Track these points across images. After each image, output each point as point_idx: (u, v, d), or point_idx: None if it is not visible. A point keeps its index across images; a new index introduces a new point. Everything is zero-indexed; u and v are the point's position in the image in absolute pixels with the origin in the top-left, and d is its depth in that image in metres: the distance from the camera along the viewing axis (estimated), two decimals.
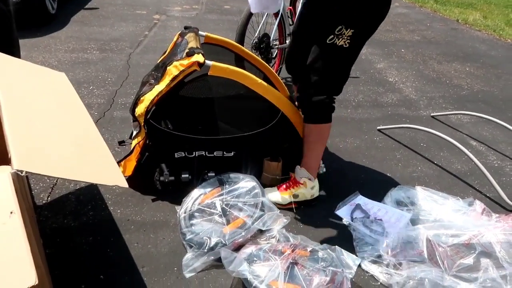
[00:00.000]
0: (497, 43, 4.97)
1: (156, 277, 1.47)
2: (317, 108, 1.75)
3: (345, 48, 1.62)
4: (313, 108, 1.76)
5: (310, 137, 1.81)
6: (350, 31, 1.58)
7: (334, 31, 1.59)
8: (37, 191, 1.83)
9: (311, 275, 1.43)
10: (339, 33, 1.59)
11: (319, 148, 1.84)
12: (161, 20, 4.63)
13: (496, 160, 2.42)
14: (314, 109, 1.76)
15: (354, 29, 1.58)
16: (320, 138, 1.82)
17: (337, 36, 1.60)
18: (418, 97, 3.21)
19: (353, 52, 1.68)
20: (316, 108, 1.75)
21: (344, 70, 1.72)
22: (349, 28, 1.58)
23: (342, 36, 1.59)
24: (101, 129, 2.34)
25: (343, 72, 1.72)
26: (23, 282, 0.79)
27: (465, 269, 1.55)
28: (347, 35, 1.59)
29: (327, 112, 1.77)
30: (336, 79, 1.72)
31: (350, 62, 1.71)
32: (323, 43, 1.63)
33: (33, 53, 3.32)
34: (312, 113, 1.77)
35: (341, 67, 1.70)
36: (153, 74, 1.89)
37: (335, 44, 1.61)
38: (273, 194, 1.86)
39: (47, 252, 1.52)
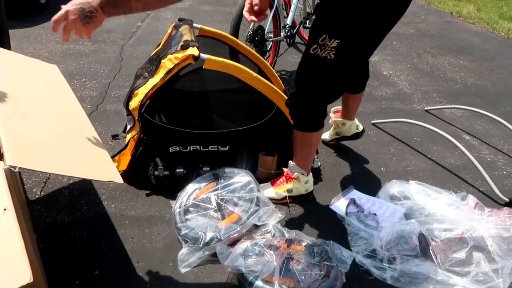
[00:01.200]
0: (491, 36, 4.99)
1: (151, 272, 1.46)
2: (298, 117, 1.69)
3: (330, 60, 1.46)
4: (302, 117, 1.69)
5: (300, 142, 1.77)
6: (335, 42, 1.42)
7: (318, 40, 1.44)
8: (29, 185, 1.81)
9: (306, 270, 1.43)
10: (322, 43, 1.44)
11: (307, 151, 1.79)
12: (154, 11, 4.57)
13: (489, 154, 2.44)
14: (295, 118, 1.70)
15: (340, 40, 1.41)
16: (306, 144, 1.76)
17: (320, 47, 1.45)
18: (412, 90, 3.22)
19: (341, 64, 1.51)
20: (296, 117, 1.69)
21: (329, 82, 1.56)
22: (333, 38, 1.41)
23: (325, 47, 1.44)
24: (94, 123, 2.30)
25: (327, 84, 1.57)
26: (17, 279, 0.78)
27: (457, 263, 1.57)
28: (330, 46, 1.43)
29: (317, 120, 1.69)
30: (318, 91, 1.59)
31: (338, 74, 1.56)
32: (307, 52, 1.50)
33: (23, 44, 3.26)
34: (301, 122, 1.70)
35: (324, 79, 1.55)
36: (147, 67, 1.87)
37: (317, 55, 1.47)
38: (268, 190, 1.86)
39: (41, 247, 1.50)
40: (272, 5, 2.89)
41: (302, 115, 1.67)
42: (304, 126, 1.70)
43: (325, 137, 2.30)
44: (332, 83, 1.58)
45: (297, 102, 1.64)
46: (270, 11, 2.89)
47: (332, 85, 1.60)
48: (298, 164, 1.81)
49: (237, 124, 1.87)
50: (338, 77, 1.58)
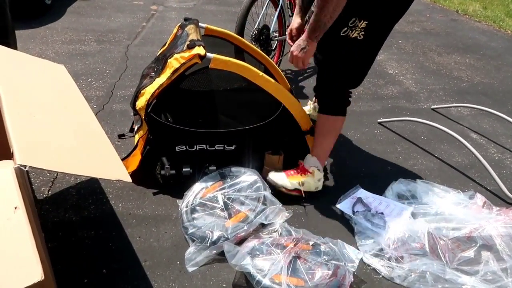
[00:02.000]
0: (497, 34, 4.95)
1: (159, 271, 1.47)
2: (332, 100, 1.78)
3: (360, 40, 1.60)
4: (327, 100, 1.79)
5: (323, 128, 1.84)
6: (363, 23, 1.56)
7: (348, 23, 1.57)
8: (37, 185, 1.82)
9: (313, 269, 1.43)
10: (352, 25, 1.57)
11: (331, 140, 1.86)
12: (158, 11, 4.58)
13: (496, 152, 2.42)
14: (329, 101, 1.79)
15: (368, 21, 1.56)
16: (332, 130, 1.84)
17: (351, 28, 1.58)
18: (418, 89, 3.20)
19: (369, 44, 1.65)
20: (330, 100, 1.78)
21: (360, 62, 1.71)
22: (363, 19, 1.56)
23: (355, 28, 1.57)
24: (100, 122, 2.28)
25: (359, 64, 1.71)
26: (29, 277, 0.79)
27: (466, 262, 1.56)
28: (360, 27, 1.57)
29: (341, 105, 1.80)
30: (351, 72, 1.72)
31: (367, 54, 1.69)
32: (337, 35, 1.61)
33: (29, 45, 3.27)
34: (326, 105, 1.80)
35: (356, 59, 1.69)
36: (153, 66, 1.87)
37: (349, 36, 1.59)
38: (279, 176, 1.85)
39: (49, 246, 1.51)
40: (277, 4, 2.89)
41: (333, 96, 1.78)
42: (336, 110, 1.79)
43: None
44: (360, 64, 1.71)
45: (329, 84, 1.75)
46: (275, 10, 2.89)
47: (360, 66, 1.72)
48: (318, 155, 1.87)
49: (243, 123, 1.87)
50: (365, 59, 1.70)
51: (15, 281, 0.78)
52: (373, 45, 1.67)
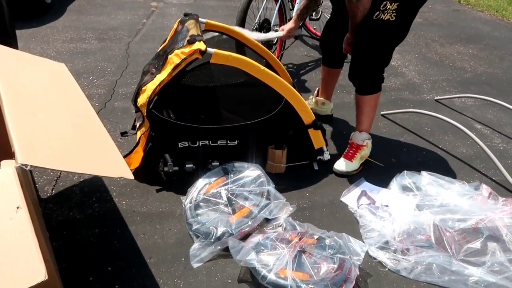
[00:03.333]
0: (500, 23, 4.90)
1: (163, 267, 1.47)
2: (371, 81, 1.93)
3: (392, 21, 1.71)
4: (366, 83, 1.94)
5: (364, 107, 2.00)
6: (394, 5, 1.67)
7: (379, 7, 1.69)
8: (41, 184, 1.82)
9: (318, 263, 1.43)
10: (384, 8, 1.68)
11: (373, 113, 2.04)
12: (158, 8, 4.56)
13: (501, 143, 2.40)
14: (368, 83, 1.94)
15: (399, 2, 1.67)
16: (373, 106, 2.01)
17: (382, 12, 1.69)
18: (421, 80, 3.18)
19: (401, 24, 1.77)
20: (369, 81, 1.94)
21: (394, 42, 1.85)
22: (393, 2, 1.66)
23: (387, 11, 1.69)
24: (102, 120, 2.28)
25: (393, 44, 1.86)
26: (32, 277, 0.78)
27: (472, 253, 1.55)
28: (392, 9, 1.68)
29: (379, 83, 1.96)
30: (386, 52, 1.87)
31: (399, 34, 1.82)
32: (370, 20, 1.73)
33: (30, 44, 3.27)
34: (366, 86, 1.95)
35: (390, 40, 1.83)
36: (154, 63, 1.86)
37: (381, 20, 1.71)
38: (343, 164, 2.01)
39: (54, 245, 1.51)
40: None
41: (373, 77, 1.93)
42: (375, 88, 1.97)
43: None
44: (393, 44, 1.86)
45: (367, 67, 1.89)
46: (275, 4, 2.87)
47: (393, 46, 1.87)
48: (366, 129, 2.06)
49: (246, 118, 1.86)
50: (398, 38, 1.84)
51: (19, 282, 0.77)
52: (404, 25, 1.79)
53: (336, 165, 2.02)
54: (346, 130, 2.41)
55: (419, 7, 1.78)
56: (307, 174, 2.00)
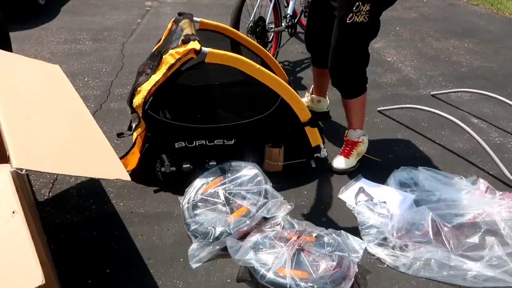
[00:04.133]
0: (495, 17, 4.90)
1: (162, 268, 1.46)
2: (354, 84, 1.91)
3: (366, 23, 1.70)
4: (350, 87, 1.92)
5: (352, 109, 2.00)
6: (367, 6, 1.65)
7: (352, 9, 1.66)
8: (37, 187, 1.81)
9: (317, 261, 1.43)
10: (357, 10, 1.66)
11: (362, 112, 2.04)
12: (153, 7, 4.54)
13: (498, 137, 2.40)
14: (352, 86, 1.92)
15: (371, 3, 1.65)
16: (361, 106, 2.01)
17: (356, 14, 1.67)
18: (417, 76, 3.18)
19: (374, 23, 1.76)
20: (353, 85, 1.92)
21: (368, 42, 1.82)
22: (366, 3, 1.64)
23: (360, 13, 1.66)
24: (98, 122, 2.27)
25: (367, 44, 1.83)
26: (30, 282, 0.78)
27: (471, 248, 1.55)
28: (365, 10, 1.66)
29: (363, 84, 1.94)
30: (363, 53, 1.84)
31: (373, 33, 1.80)
32: (344, 23, 1.71)
33: (24, 46, 3.25)
34: (350, 90, 1.94)
35: (365, 41, 1.81)
36: (148, 63, 1.86)
37: (356, 22, 1.69)
38: (341, 162, 2.02)
39: (52, 248, 1.51)
40: None
41: (355, 80, 1.91)
42: (360, 90, 1.95)
43: None
44: (369, 42, 1.83)
45: (348, 70, 1.87)
46: (270, 2, 2.86)
47: (369, 43, 1.83)
48: (359, 127, 2.04)
49: (242, 117, 1.86)
50: (373, 35, 1.81)
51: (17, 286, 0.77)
52: (377, 23, 1.78)
53: (334, 163, 2.02)
54: (343, 127, 2.40)
55: (389, 5, 1.78)
56: (304, 172, 2.00)
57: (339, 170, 2.00)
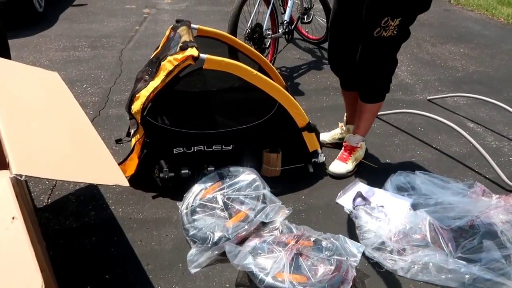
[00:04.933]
0: (490, 22, 4.95)
1: (161, 274, 1.47)
2: (376, 90, 1.92)
3: (394, 37, 1.67)
4: (371, 91, 1.92)
5: (365, 114, 1.99)
6: (397, 21, 1.61)
7: (381, 22, 1.62)
8: (36, 193, 1.81)
9: (316, 265, 1.43)
10: (385, 25, 1.62)
11: (372, 119, 2.06)
12: (151, 14, 4.57)
13: (494, 140, 2.42)
14: (373, 92, 1.92)
15: (401, 17, 1.61)
16: (374, 113, 2.02)
17: (384, 28, 1.63)
18: (413, 81, 3.20)
19: (402, 36, 1.73)
20: (375, 91, 1.92)
21: (395, 52, 1.80)
22: (395, 18, 1.60)
23: (389, 27, 1.63)
24: (97, 128, 2.31)
25: (395, 54, 1.81)
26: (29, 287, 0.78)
27: (469, 251, 1.56)
28: (394, 25, 1.62)
29: (384, 92, 1.95)
30: (391, 65, 1.85)
31: (401, 43, 1.78)
32: (371, 36, 1.67)
33: (23, 53, 3.27)
34: (370, 95, 1.93)
35: (393, 52, 1.79)
36: (147, 70, 1.87)
37: (383, 37, 1.65)
38: (339, 166, 2.03)
39: (51, 254, 1.51)
40: (269, 2, 2.89)
41: (380, 89, 1.92)
42: (379, 98, 1.95)
43: (324, 138, 2.28)
44: (396, 52, 1.81)
45: (374, 81, 1.87)
46: (267, 8, 2.89)
47: (396, 54, 1.82)
48: (362, 134, 2.05)
49: (240, 123, 1.87)
50: (400, 46, 1.79)
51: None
52: (405, 35, 1.75)
53: (331, 167, 2.03)
54: None
55: (419, 14, 1.71)
56: (302, 176, 2.01)
57: (336, 174, 2.01)
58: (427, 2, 1.69)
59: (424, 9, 1.71)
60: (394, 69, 1.90)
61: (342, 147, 2.10)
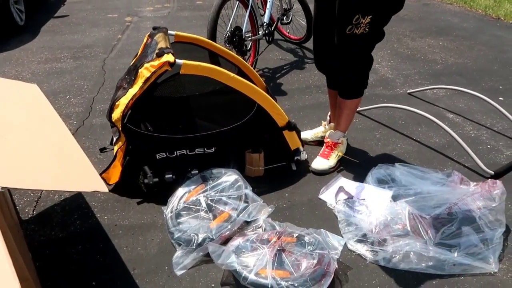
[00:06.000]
0: (468, 14, 5.04)
1: (148, 278, 1.49)
2: (354, 87, 1.97)
3: (366, 34, 1.70)
4: (349, 87, 1.97)
5: (344, 110, 2.04)
6: (368, 18, 1.65)
7: (352, 21, 1.66)
8: (21, 205, 1.82)
9: (299, 260, 1.46)
10: (356, 22, 1.66)
11: (352, 115, 2.10)
12: (133, 22, 4.59)
13: (472, 130, 2.48)
14: (351, 88, 1.97)
15: (372, 15, 1.65)
16: (353, 109, 2.07)
17: (355, 26, 1.67)
18: (394, 75, 3.26)
19: (375, 33, 1.76)
20: (352, 87, 1.97)
21: (369, 49, 1.84)
22: (366, 15, 1.64)
23: (360, 25, 1.67)
24: (81, 138, 2.33)
25: (369, 51, 1.85)
26: None
27: (448, 236, 1.60)
28: (365, 23, 1.66)
29: (362, 88, 1.99)
30: (364, 59, 1.88)
31: (374, 41, 1.82)
32: (343, 33, 1.72)
33: (5, 68, 3.27)
34: (348, 92, 1.98)
35: (365, 49, 1.83)
36: (126, 78, 1.89)
37: (355, 34, 1.70)
38: (321, 163, 2.07)
39: (37, 265, 1.52)
40: (247, 5, 2.92)
41: (355, 84, 1.96)
42: (357, 94, 2.00)
43: (306, 136, 2.32)
44: (370, 50, 1.85)
45: (349, 75, 1.91)
46: (245, 11, 2.92)
47: (371, 51, 1.86)
48: (343, 130, 2.11)
49: (221, 125, 1.89)
50: (373, 44, 1.84)
51: None
52: (378, 33, 1.79)
53: (313, 164, 2.07)
54: None
55: (392, 14, 1.76)
56: (285, 175, 2.04)
57: (319, 171, 2.05)
58: (399, 2, 1.73)
59: (396, 8, 1.75)
60: (370, 66, 1.93)
61: (324, 143, 2.14)
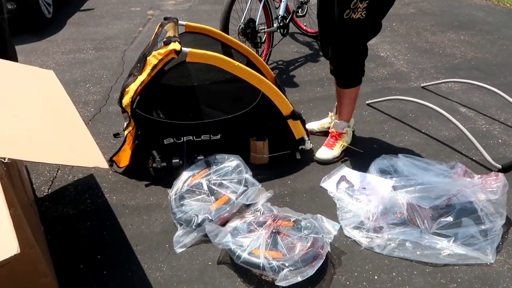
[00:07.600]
0: (495, 8, 4.89)
1: (149, 254, 1.57)
2: (350, 75, 2.00)
3: (363, 19, 1.75)
4: (346, 76, 2.00)
5: (344, 99, 2.08)
6: (365, 3, 1.70)
7: (350, 5, 1.72)
8: (38, 184, 1.94)
9: (293, 243, 1.50)
10: (354, 6, 1.72)
11: (353, 104, 2.13)
12: (155, 16, 4.70)
13: (484, 124, 2.44)
14: (348, 77, 2.00)
15: (369, 0, 1.69)
16: (353, 97, 2.10)
17: (353, 10, 1.73)
18: (409, 69, 3.22)
19: (371, 22, 1.80)
20: (349, 76, 2.00)
21: (366, 38, 1.88)
22: (364, 0, 1.69)
23: (357, 10, 1.72)
24: (97, 124, 2.45)
25: (365, 40, 1.88)
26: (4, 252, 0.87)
27: (444, 227, 1.60)
28: (362, 8, 1.71)
29: (360, 76, 2.02)
30: (360, 47, 1.90)
31: (371, 31, 1.85)
32: (341, 18, 1.77)
33: (31, 58, 3.44)
34: (346, 80, 2.02)
35: (362, 36, 1.86)
36: (137, 66, 1.97)
37: (352, 18, 1.75)
38: (325, 152, 2.10)
39: (49, 238, 1.63)
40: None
41: (351, 72, 1.99)
42: (355, 81, 2.03)
43: (313, 127, 2.35)
44: (367, 39, 1.89)
45: (345, 62, 1.95)
46: (259, 3, 2.96)
47: (367, 40, 1.90)
48: (346, 119, 2.13)
49: (226, 113, 1.95)
50: (371, 32, 1.87)
51: None
52: (375, 23, 1.83)
53: (318, 154, 2.10)
54: None
55: (388, 6, 1.81)
56: (289, 163, 2.08)
57: (323, 160, 2.07)
58: None
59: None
60: (365, 56, 1.96)
61: (329, 133, 2.16)
